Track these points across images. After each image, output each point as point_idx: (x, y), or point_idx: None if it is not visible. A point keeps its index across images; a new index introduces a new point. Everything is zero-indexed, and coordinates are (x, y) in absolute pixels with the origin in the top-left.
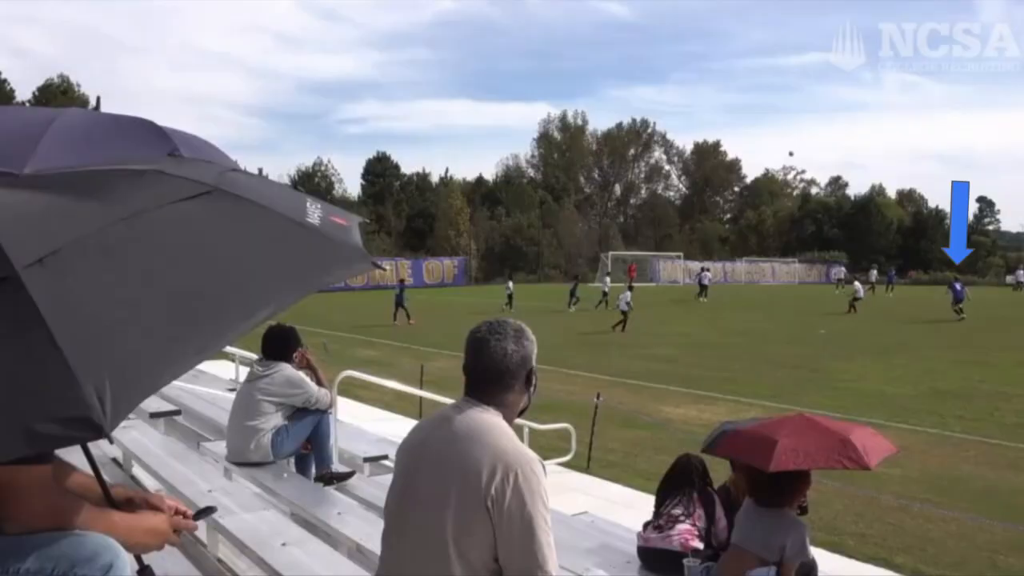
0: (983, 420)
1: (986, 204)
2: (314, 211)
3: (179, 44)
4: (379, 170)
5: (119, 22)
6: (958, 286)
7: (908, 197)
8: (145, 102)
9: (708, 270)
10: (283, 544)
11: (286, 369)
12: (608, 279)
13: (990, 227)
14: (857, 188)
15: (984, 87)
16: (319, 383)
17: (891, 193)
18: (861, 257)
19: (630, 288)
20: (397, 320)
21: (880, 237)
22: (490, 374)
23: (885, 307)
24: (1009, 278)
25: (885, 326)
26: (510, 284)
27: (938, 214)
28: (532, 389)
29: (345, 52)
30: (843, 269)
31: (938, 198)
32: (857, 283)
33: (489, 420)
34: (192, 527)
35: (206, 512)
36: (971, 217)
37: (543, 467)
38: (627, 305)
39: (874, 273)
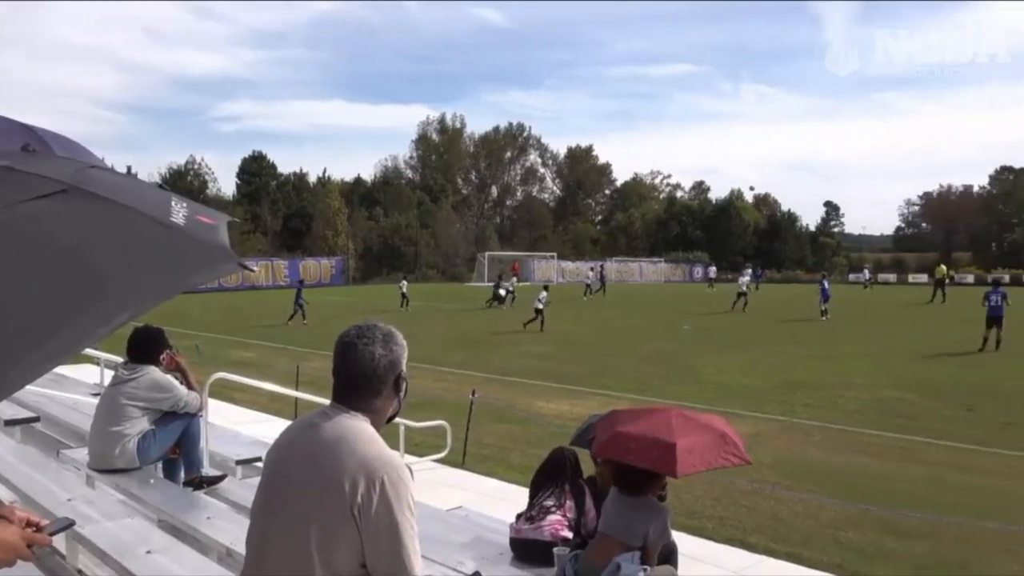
0: (827, 408)
1: (832, 208)
2: (179, 210)
3: (41, 36)
4: (255, 169)
5: None
6: (826, 284)
7: (764, 201)
8: (3, 96)
9: (596, 268)
10: (148, 552)
11: (153, 372)
12: (515, 279)
13: (835, 229)
14: (718, 192)
15: (830, 99)
16: (189, 386)
17: (748, 197)
18: (722, 257)
19: (546, 288)
20: (291, 322)
21: (739, 238)
22: (358, 379)
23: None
24: (853, 276)
25: (745, 322)
26: (404, 284)
27: (790, 217)
28: (402, 395)
29: (219, 49)
30: (714, 268)
31: (790, 202)
32: (742, 279)
33: (356, 426)
34: (46, 542)
35: (64, 525)
36: (818, 220)
37: (410, 472)
38: (543, 303)
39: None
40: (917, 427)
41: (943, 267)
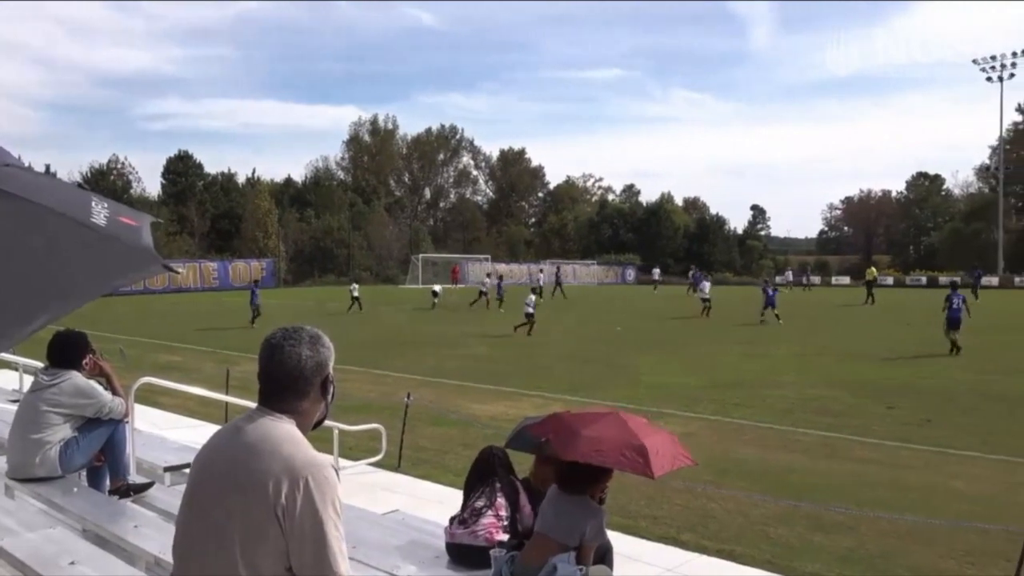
0: (757, 407)
1: (758, 212)
2: (100, 211)
3: None
4: (180, 169)
5: None
6: (770, 290)
7: (693, 205)
8: None
9: (542, 270)
10: (72, 563)
11: (75, 377)
12: (488, 279)
13: (762, 232)
14: (648, 195)
15: (757, 105)
16: (113, 391)
17: (678, 201)
18: (652, 259)
19: (534, 291)
20: (255, 324)
21: (669, 241)
22: (284, 381)
23: (689, 306)
24: (780, 278)
25: (677, 323)
26: (355, 287)
27: (718, 220)
28: (330, 398)
29: (144, 46)
30: (658, 271)
31: (718, 205)
32: (706, 283)
33: (281, 428)
34: None
35: None
36: (746, 223)
37: (336, 472)
38: (532, 307)
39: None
40: (843, 425)
41: (873, 269)
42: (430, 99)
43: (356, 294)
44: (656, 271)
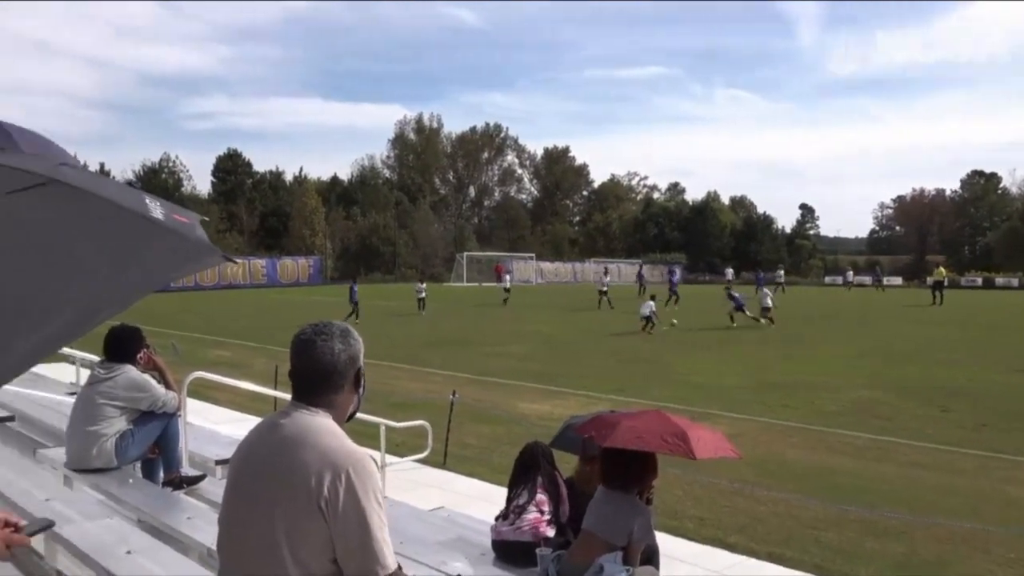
0: (805, 408)
1: (807, 211)
2: (155, 207)
3: (7, 31)
4: (230, 167)
5: None
6: (737, 295)
7: (739, 203)
8: None
9: (608, 272)
10: (128, 552)
11: (130, 371)
12: (607, 278)
13: (811, 232)
14: (694, 194)
15: (803, 104)
16: (167, 385)
17: (725, 199)
18: (699, 258)
19: (653, 298)
20: (357, 320)
21: (716, 240)
22: (318, 375)
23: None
24: (829, 278)
25: (722, 322)
26: (422, 287)
27: (766, 219)
28: (361, 390)
29: (191, 46)
30: (731, 271)
31: (765, 204)
32: (765, 289)
33: (318, 423)
34: (25, 542)
35: (42, 526)
36: (794, 223)
37: (375, 463)
38: (651, 311)
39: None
40: (894, 427)
41: (942, 269)
42: (472, 98)
43: (423, 295)
44: (729, 271)
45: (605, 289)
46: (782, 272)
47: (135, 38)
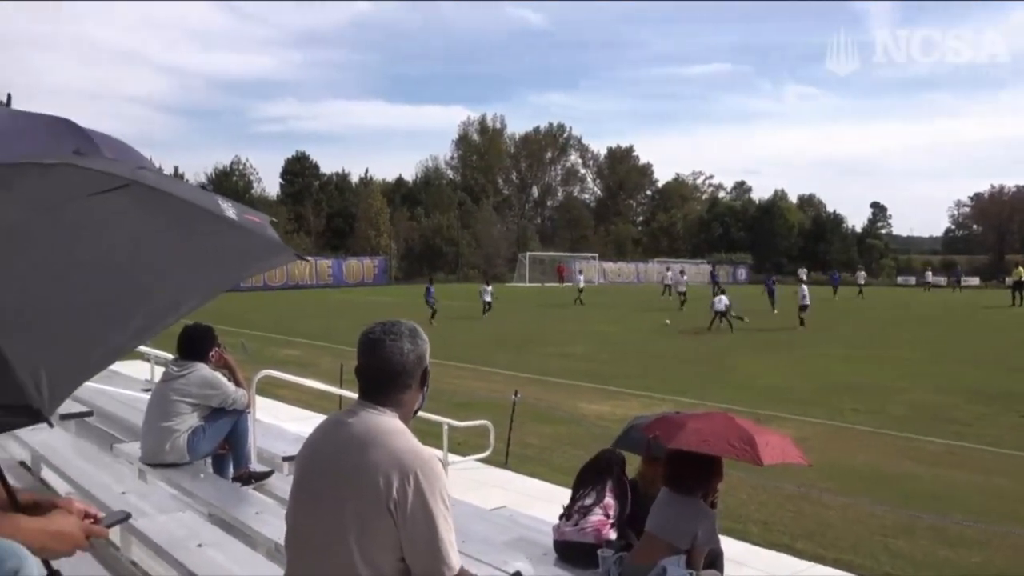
0: (875, 413)
1: (879, 209)
2: (228, 208)
3: (85, 39)
4: (298, 170)
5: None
6: (717, 299)
7: (808, 202)
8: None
9: (684, 273)
10: (199, 545)
11: (202, 369)
12: (683, 276)
13: (882, 231)
14: (760, 193)
15: (874, 99)
16: (236, 383)
17: (793, 198)
18: (765, 259)
19: (723, 292)
20: (433, 321)
21: (783, 239)
22: (386, 374)
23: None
24: (902, 279)
25: (782, 323)
26: (488, 288)
27: (835, 218)
28: (426, 389)
29: (260, 51)
30: (804, 271)
31: (834, 203)
32: (804, 287)
33: (385, 422)
34: (103, 534)
35: (120, 519)
36: (865, 222)
37: (441, 464)
38: (725, 307)
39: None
40: (970, 433)
41: (1021, 269)
42: (535, 98)
43: (488, 298)
44: (803, 272)
45: (684, 290)
46: (863, 273)
47: (209, 45)
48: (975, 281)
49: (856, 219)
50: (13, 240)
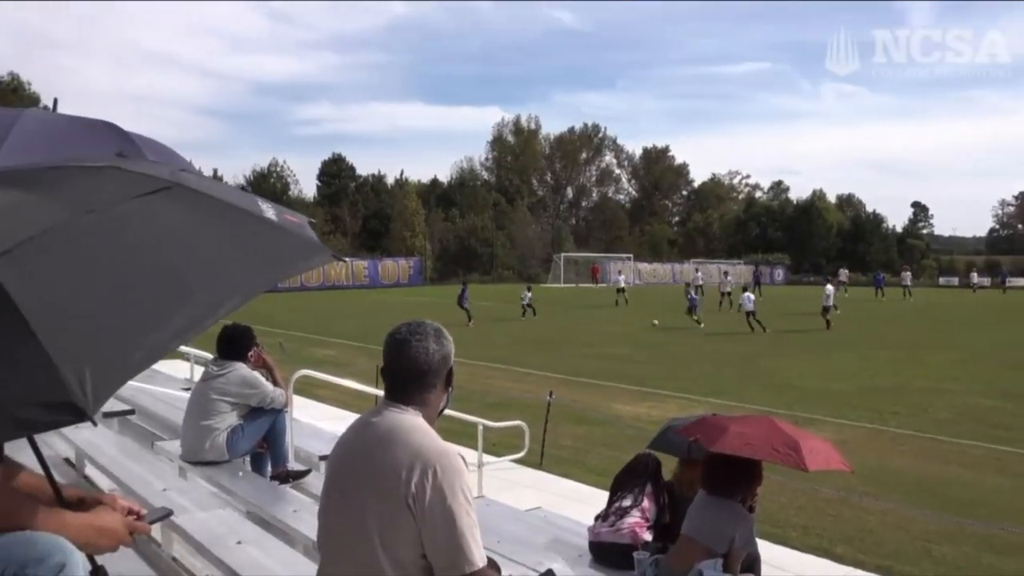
0: (917, 416)
1: (920, 209)
2: (267, 209)
3: (126, 44)
4: (334, 171)
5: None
6: (693, 293)
7: (847, 202)
8: (93, 101)
9: (728, 274)
10: (239, 542)
11: (241, 368)
12: (729, 278)
13: (924, 231)
14: (798, 193)
15: (916, 97)
16: (274, 382)
17: (831, 198)
18: (803, 259)
19: (745, 289)
20: (471, 323)
21: (821, 240)
22: (411, 374)
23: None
24: (944, 279)
25: (819, 324)
26: (528, 294)
27: (875, 218)
28: (451, 388)
29: (296, 54)
30: (846, 272)
31: (874, 203)
32: (829, 286)
33: (407, 420)
34: (146, 530)
35: (162, 515)
36: (906, 221)
37: (463, 460)
38: (751, 304)
39: (844, 273)
40: (1016, 438)
41: None
42: (570, 99)
43: (527, 301)
44: (844, 272)
45: (729, 291)
46: (908, 274)
47: (247, 48)
48: (1021, 282)
49: (896, 219)
50: (58, 241)
